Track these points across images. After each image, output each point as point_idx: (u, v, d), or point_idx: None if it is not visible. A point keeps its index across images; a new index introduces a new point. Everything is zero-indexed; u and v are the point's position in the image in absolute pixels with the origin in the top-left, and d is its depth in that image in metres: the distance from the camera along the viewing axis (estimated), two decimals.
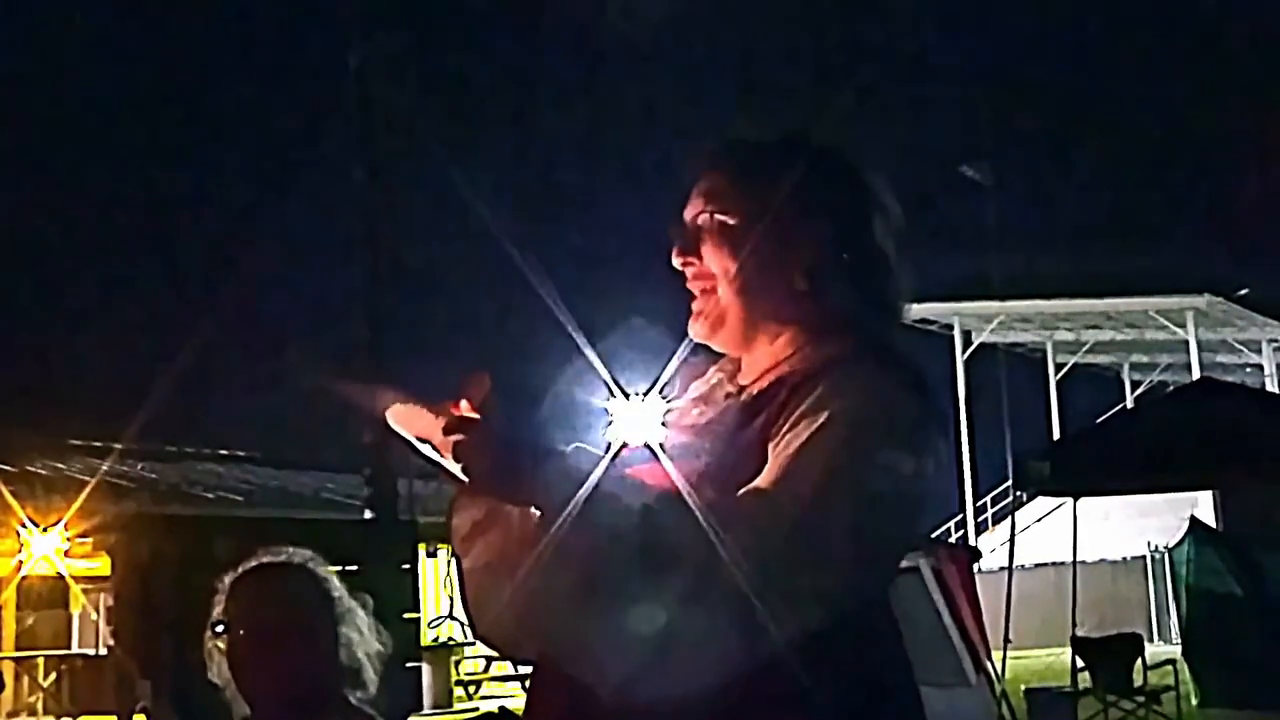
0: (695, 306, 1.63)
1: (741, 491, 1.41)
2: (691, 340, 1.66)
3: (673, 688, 1.34)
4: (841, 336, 1.55)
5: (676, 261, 1.63)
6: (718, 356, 1.69)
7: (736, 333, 1.61)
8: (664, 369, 1.71)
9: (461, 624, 15.96)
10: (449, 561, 1.59)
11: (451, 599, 1.57)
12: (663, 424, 1.65)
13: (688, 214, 1.63)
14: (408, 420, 1.54)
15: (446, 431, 1.44)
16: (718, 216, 1.60)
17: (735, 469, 1.45)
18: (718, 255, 1.60)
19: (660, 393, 1.69)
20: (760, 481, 1.41)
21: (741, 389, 1.60)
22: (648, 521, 1.36)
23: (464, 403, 1.50)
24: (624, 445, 1.62)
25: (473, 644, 15.95)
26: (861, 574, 1.41)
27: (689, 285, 1.63)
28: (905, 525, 1.48)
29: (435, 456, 1.50)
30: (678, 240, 1.63)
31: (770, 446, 1.45)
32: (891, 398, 1.47)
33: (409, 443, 1.54)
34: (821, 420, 1.43)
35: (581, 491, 1.39)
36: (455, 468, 1.45)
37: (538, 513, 1.43)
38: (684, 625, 1.32)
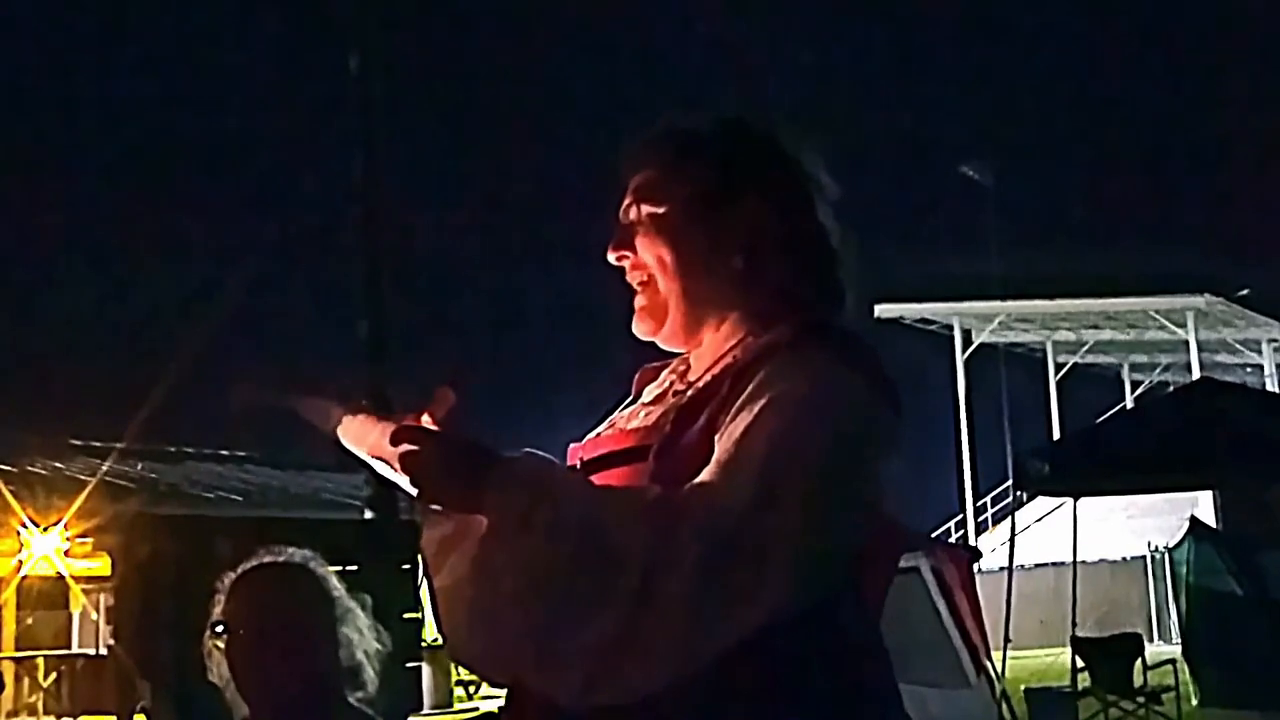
0: (637, 303, 1.61)
1: (686, 487, 1.37)
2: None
3: (631, 691, 1.32)
4: (783, 321, 1.51)
5: (611, 257, 1.61)
6: (671, 359, 1.67)
7: (679, 325, 1.59)
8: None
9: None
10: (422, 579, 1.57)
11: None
12: (614, 426, 1.63)
13: (621, 210, 1.62)
14: (358, 436, 1.52)
15: (393, 442, 1.42)
16: (646, 208, 1.58)
17: (683, 467, 1.42)
18: (650, 246, 1.58)
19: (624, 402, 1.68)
20: (704, 475, 1.38)
21: (689, 385, 1.57)
22: (590, 523, 1.33)
23: (425, 417, 1.48)
24: (576, 449, 1.61)
25: None
26: (817, 563, 1.37)
27: (628, 279, 1.61)
28: (857, 512, 1.43)
29: (387, 473, 1.49)
30: (613, 236, 1.61)
31: (716, 439, 1.42)
32: (833, 378, 1.42)
33: (363, 461, 1.52)
34: (760, 407, 1.39)
35: (528, 493, 1.36)
36: (404, 480, 1.44)
37: (486, 521, 1.40)
38: (634, 624, 1.30)
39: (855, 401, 1.42)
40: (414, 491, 1.43)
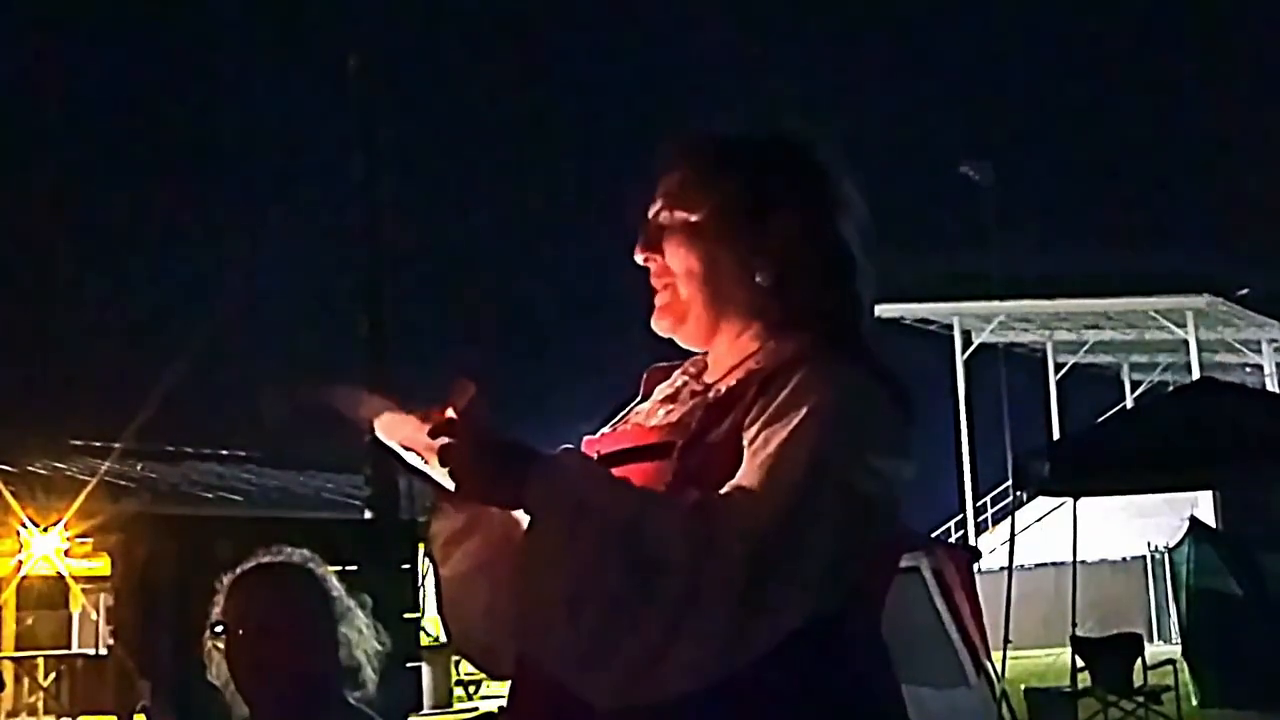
0: (657, 301, 1.62)
1: (724, 490, 1.39)
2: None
3: (665, 694, 1.33)
4: (806, 331, 1.53)
5: (639, 258, 1.62)
6: (682, 359, 1.68)
7: (701, 328, 1.60)
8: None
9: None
10: (426, 569, 1.57)
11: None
12: (630, 423, 1.64)
13: (650, 211, 1.62)
14: (392, 428, 1.52)
15: (433, 435, 1.43)
16: (678, 213, 1.59)
17: (708, 466, 1.44)
18: (679, 252, 1.58)
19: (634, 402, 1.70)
20: (744, 479, 1.39)
21: (708, 387, 1.58)
22: (636, 524, 1.34)
23: (450, 410, 1.48)
24: (592, 442, 1.62)
25: None
26: (845, 571, 1.40)
27: (651, 281, 1.62)
28: (885, 521, 1.46)
29: (420, 465, 1.49)
30: (640, 236, 1.62)
31: (745, 444, 1.44)
32: (866, 393, 1.45)
33: (395, 453, 1.52)
34: (800, 417, 1.41)
35: (573, 493, 1.38)
36: (441, 474, 1.44)
37: (526, 517, 1.42)
38: (675, 629, 1.31)
39: (884, 413, 1.46)
40: (450, 485, 1.43)
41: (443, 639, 16.04)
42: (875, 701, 1.50)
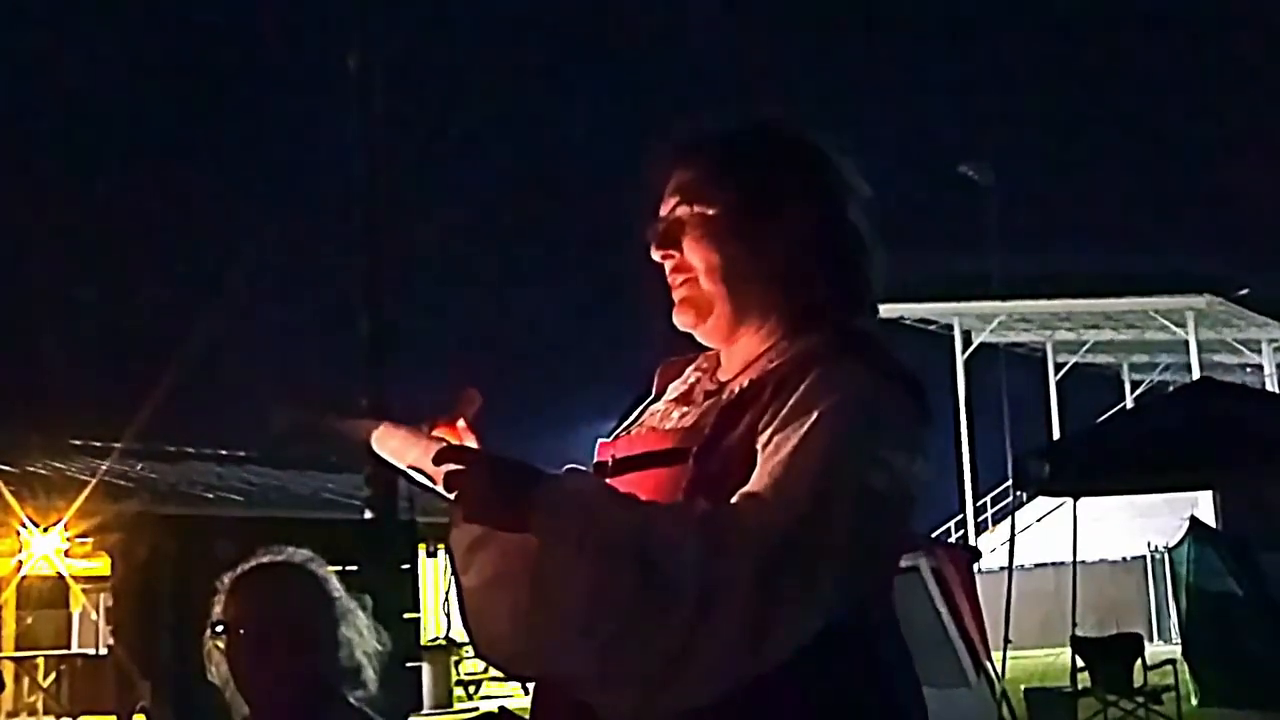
0: (677, 296, 1.62)
1: (736, 498, 1.38)
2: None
3: (686, 705, 1.33)
4: (819, 329, 1.53)
5: (656, 255, 1.62)
6: (694, 354, 1.68)
7: (723, 323, 1.59)
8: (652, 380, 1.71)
9: (457, 643, 15.98)
10: (447, 576, 1.58)
11: (448, 615, 1.56)
12: (645, 425, 1.63)
13: (664, 208, 1.62)
14: (396, 450, 1.53)
15: (437, 462, 1.44)
16: (696, 208, 1.59)
17: (724, 471, 1.44)
18: (699, 248, 1.58)
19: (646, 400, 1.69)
20: (754, 486, 1.39)
21: (722, 386, 1.58)
22: (644, 542, 1.34)
23: (460, 422, 1.49)
24: (606, 445, 1.62)
25: None
26: (861, 574, 1.40)
27: (669, 277, 1.62)
28: (901, 522, 1.46)
29: (426, 482, 1.50)
30: (656, 234, 1.62)
31: (759, 448, 1.43)
32: (879, 393, 1.45)
33: (398, 469, 1.53)
34: (811, 420, 1.40)
35: (578, 514, 1.37)
36: (449, 496, 1.45)
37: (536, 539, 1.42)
38: (689, 643, 1.31)
39: (897, 412, 1.45)
40: (458, 509, 1.45)
41: (442, 639, 16.07)
42: (894, 698, 1.50)
